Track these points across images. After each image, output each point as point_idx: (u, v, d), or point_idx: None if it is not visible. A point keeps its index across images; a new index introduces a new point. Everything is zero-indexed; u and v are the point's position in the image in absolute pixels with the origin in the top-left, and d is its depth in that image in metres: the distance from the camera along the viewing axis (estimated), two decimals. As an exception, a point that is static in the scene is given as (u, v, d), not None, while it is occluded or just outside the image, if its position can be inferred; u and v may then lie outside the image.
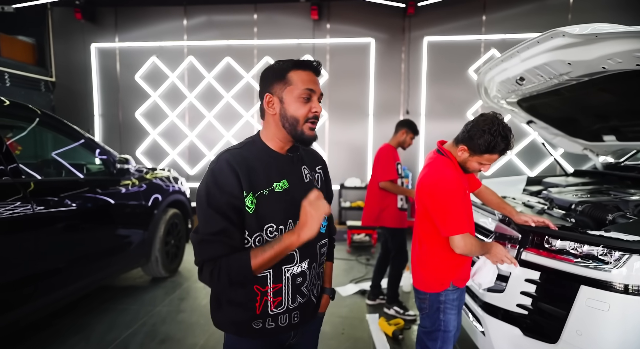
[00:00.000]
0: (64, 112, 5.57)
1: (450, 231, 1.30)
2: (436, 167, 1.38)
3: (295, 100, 0.92)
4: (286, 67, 0.94)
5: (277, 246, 0.85)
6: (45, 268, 2.01)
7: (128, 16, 5.37)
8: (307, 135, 0.95)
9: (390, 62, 5.16)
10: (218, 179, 0.88)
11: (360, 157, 5.26)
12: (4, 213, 1.74)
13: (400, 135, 2.83)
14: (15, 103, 2.15)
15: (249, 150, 0.96)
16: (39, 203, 1.94)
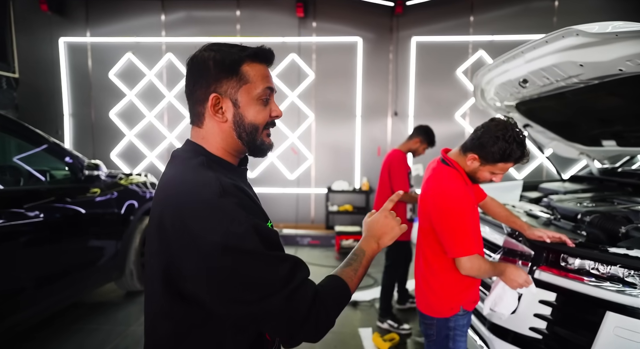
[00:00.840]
0: (29, 111, 5.17)
1: (457, 252, 1.17)
2: (442, 179, 1.24)
3: (254, 102, 0.72)
4: (238, 58, 0.71)
5: (365, 261, 0.79)
6: (6, 288, 1.78)
7: (100, 9, 5.03)
8: (267, 144, 0.77)
9: (378, 62, 5.05)
10: (254, 212, 0.66)
11: (348, 159, 5.13)
12: None
13: (414, 143, 2.63)
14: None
15: (217, 171, 0.69)
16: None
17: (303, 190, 5.14)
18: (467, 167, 1.25)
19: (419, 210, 1.33)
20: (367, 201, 4.94)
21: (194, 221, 0.60)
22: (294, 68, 5.00)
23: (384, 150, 5.13)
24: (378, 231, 0.85)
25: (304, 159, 5.10)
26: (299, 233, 4.72)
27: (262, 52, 0.74)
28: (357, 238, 4.25)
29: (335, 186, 4.98)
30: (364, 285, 3.30)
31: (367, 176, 5.11)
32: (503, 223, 1.51)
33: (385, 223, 0.85)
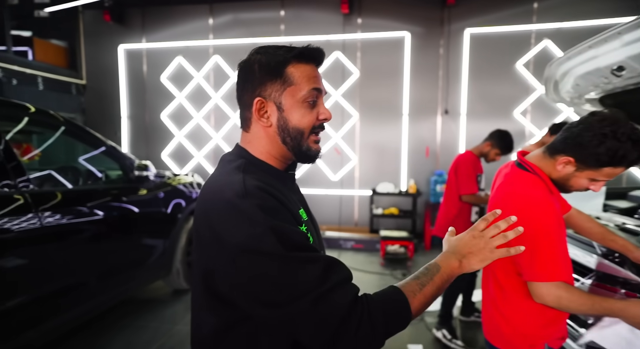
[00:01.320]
0: (94, 114, 5.59)
1: (537, 275, 0.95)
2: (519, 186, 1.03)
3: (300, 105, 0.69)
4: (283, 60, 0.69)
5: (437, 278, 0.66)
6: (70, 282, 1.88)
7: (155, 16, 5.29)
8: (314, 150, 0.72)
9: (426, 57, 4.75)
10: (276, 213, 0.62)
11: (394, 160, 4.89)
12: (16, 228, 1.56)
13: (485, 146, 2.51)
14: (40, 110, 2.04)
15: (256, 174, 0.68)
16: (66, 213, 1.85)
17: (346, 191, 5.00)
18: (555, 173, 1.02)
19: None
20: (414, 204, 4.67)
21: (217, 223, 0.61)
22: (338, 66, 4.88)
23: (433, 150, 4.83)
24: (463, 249, 0.71)
25: (348, 160, 4.96)
26: (342, 236, 4.59)
27: (308, 52, 0.71)
28: (404, 244, 4.02)
29: (380, 189, 4.77)
30: (411, 296, 3.08)
31: (414, 179, 4.84)
32: (595, 242, 1.25)
33: (473, 243, 0.70)
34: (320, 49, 0.73)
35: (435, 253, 3.94)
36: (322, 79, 0.75)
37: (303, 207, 0.78)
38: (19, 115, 1.98)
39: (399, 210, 4.78)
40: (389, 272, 3.69)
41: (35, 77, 4.91)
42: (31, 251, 1.67)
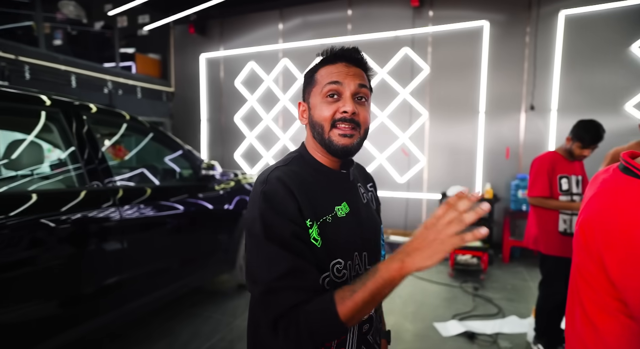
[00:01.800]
0: (179, 118, 6.23)
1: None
2: (625, 198, 0.78)
3: (321, 100, 0.75)
4: (316, 67, 0.79)
5: (371, 283, 0.60)
6: (158, 267, 2.16)
7: (231, 26, 5.68)
8: (336, 143, 0.74)
9: (509, 47, 4.25)
10: (274, 203, 0.68)
11: (468, 162, 4.48)
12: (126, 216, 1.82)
13: (566, 141, 2.19)
14: (133, 117, 2.36)
15: (298, 166, 0.77)
16: (155, 207, 2.15)
17: (414, 194, 4.74)
18: None
19: (576, 240, 0.89)
20: (491, 211, 4.21)
21: (248, 204, 0.74)
22: (407, 63, 4.64)
23: (514, 151, 4.30)
24: (408, 245, 0.61)
25: (416, 161, 4.69)
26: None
27: (334, 52, 0.77)
28: (476, 254, 3.65)
29: (450, 192, 4.41)
30: (483, 313, 2.77)
31: (491, 182, 4.37)
32: None
33: (422, 235, 0.59)
34: (345, 47, 0.77)
35: (515, 267, 3.56)
36: (354, 76, 0.76)
37: (350, 205, 0.79)
38: (120, 122, 2.33)
39: (472, 216, 4.36)
40: (459, 284, 3.37)
41: (135, 87, 5.66)
42: (127, 238, 1.93)
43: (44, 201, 1.60)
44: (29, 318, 1.51)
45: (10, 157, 1.78)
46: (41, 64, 4.28)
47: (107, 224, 1.81)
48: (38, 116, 1.82)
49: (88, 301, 1.74)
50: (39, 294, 1.55)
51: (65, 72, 4.54)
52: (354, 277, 0.74)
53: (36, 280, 1.53)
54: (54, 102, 1.83)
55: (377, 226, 0.86)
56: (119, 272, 1.87)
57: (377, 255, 0.84)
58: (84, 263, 1.72)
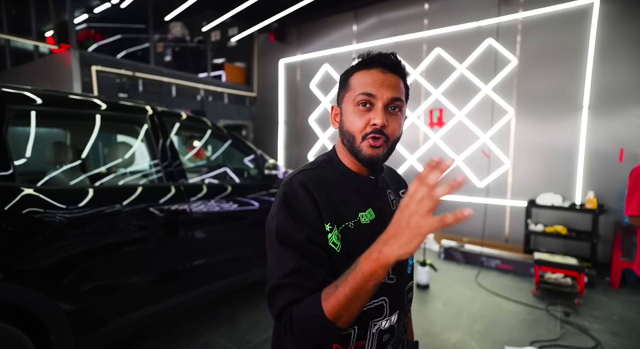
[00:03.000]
0: (260, 121, 6.72)
1: None
2: None
3: (352, 109, 0.74)
4: (351, 70, 0.77)
5: (351, 277, 0.58)
6: (237, 255, 2.48)
7: (308, 31, 5.89)
8: (364, 154, 0.74)
9: (626, 29, 3.52)
10: (292, 207, 0.70)
11: (565, 165, 3.85)
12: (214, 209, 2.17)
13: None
14: (214, 125, 2.68)
15: (325, 170, 0.78)
16: (235, 202, 2.44)
17: (494, 200, 4.27)
18: None
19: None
20: (595, 224, 3.55)
21: None
22: (490, 55, 4.20)
23: (631, 153, 3.54)
24: (390, 229, 0.55)
25: (498, 164, 4.22)
26: (485, 252, 3.95)
27: (371, 58, 0.75)
28: (569, 273, 3.11)
29: (541, 200, 3.85)
30: (573, 345, 2.36)
31: (595, 190, 3.68)
32: None
33: (398, 219, 0.53)
34: (384, 53, 0.75)
35: (628, 294, 3.00)
36: (388, 86, 0.73)
37: (376, 211, 0.78)
38: (204, 128, 2.67)
39: (568, 229, 3.74)
40: (545, 307, 2.92)
41: (223, 94, 6.29)
42: (214, 229, 2.26)
43: (148, 193, 1.94)
44: (135, 285, 1.87)
45: (115, 157, 2.16)
46: (150, 78, 5.07)
47: (186, 216, 2.07)
48: (131, 122, 2.18)
49: (181, 277, 2.08)
50: (143, 269, 1.91)
51: (167, 83, 5.30)
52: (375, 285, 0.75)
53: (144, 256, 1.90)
54: (139, 109, 2.14)
55: None
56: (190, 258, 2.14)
57: (402, 263, 0.82)
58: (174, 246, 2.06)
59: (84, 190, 1.74)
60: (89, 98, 1.94)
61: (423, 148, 4.74)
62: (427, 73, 4.66)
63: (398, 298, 0.79)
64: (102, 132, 3.17)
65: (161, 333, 2.40)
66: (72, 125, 2.55)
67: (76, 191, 1.74)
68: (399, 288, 0.79)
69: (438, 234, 4.65)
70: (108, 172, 2.54)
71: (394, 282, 0.78)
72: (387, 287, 0.76)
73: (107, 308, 1.74)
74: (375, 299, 0.74)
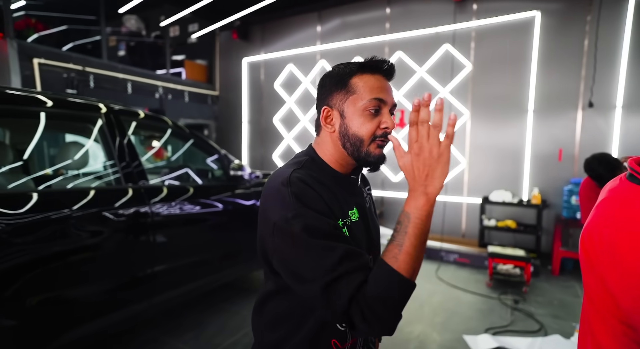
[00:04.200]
0: (223, 120, 6.56)
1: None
2: (631, 207, 0.67)
3: (360, 113, 0.75)
4: (349, 71, 0.77)
5: (411, 228, 0.63)
6: (200, 259, 2.37)
7: (272, 30, 5.85)
8: (374, 155, 0.76)
9: (564, 39, 3.87)
10: (309, 202, 0.68)
11: (513, 164, 4.16)
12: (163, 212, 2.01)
13: None
14: (175, 123, 2.57)
15: (312, 170, 0.78)
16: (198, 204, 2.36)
17: (452, 198, 4.51)
18: None
19: (581, 257, 0.78)
20: (539, 218, 3.87)
21: (266, 203, 0.72)
22: (447, 60, 4.43)
23: (568, 153, 3.91)
24: (418, 174, 0.65)
25: (456, 163, 4.46)
26: (444, 248, 4.16)
27: (373, 63, 0.76)
28: (518, 264, 3.37)
29: (493, 197, 4.13)
30: (521, 329, 2.56)
31: (539, 187, 4.02)
32: None
33: (419, 160, 0.65)
34: (386, 60, 0.76)
35: (566, 280, 3.26)
36: (390, 91, 0.78)
37: (359, 210, 0.81)
38: (164, 127, 2.55)
39: (517, 223, 4.05)
40: (497, 296, 3.14)
41: (183, 92, 6.06)
42: (177, 232, 2.16)
43: (103, 196, 1.82)
44: (90, 295, 1.74)
45: (65, 158, 2.01)
46: (103, 74, 4.76)
47: (144, 219, 1.97)
48: (83, 121, 2.04)
49: (142, 284, 1.98)
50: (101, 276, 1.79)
51: (122, 79, 5.00)
52: None
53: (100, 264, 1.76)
54: (92, 107, 2.01)
55: (379, 229, 0.90)
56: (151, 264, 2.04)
57: (376, 243, 0.86)
58: (134, 252, 1.95)
59: (26, 194, 1.60)
60: (31, 94, 1.78)
61: (385, 149, 4.87)
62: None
63: None
64: (49, 130, 2.93)
65: (123, 343, 2.27)
66: (12, 123, 2.33)
67: (16, 195, 1.59)
68: None
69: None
70: (56, 174, 2.36)
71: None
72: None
73: (58, 321, 1.62)
74: None
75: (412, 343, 2.38)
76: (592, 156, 2.09)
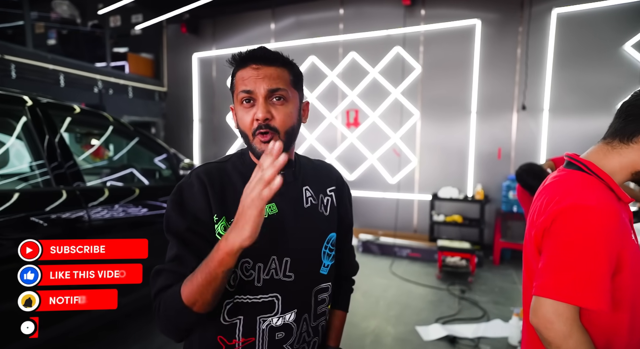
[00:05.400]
0: (172, 118, 6.21)
1: (545, 289, 0.70)
2: (571, 185, 0.76)
3: (239, 107, 0.75)
4: (233, 70, 0.77)
5: (204, 265, 0.61)
6: (148, 265, 2.14)
7: (224, 25, 5.65)
8: (258, 150, 0.73)
9: (501, 47, 4.20)
10: (183, 198, 0.73)
11: (459, 162, 4.44)
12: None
13: None
14: (117, 120, 2.36)
15: (233, 165, 0.79)
16: (144, 206, 2.19)
17: (404, 195, 4.70)
18: (636, 166, 0.77)
19: (527, 234, 0.85)
20: (482, 212, 4.16)
21: None
22: (398, 62, 4.60)
23: (506, 152, 4.25)
24: (236, 216, 0.59)
25: (407, 162, 4.65)
26: (397, 243, 4.32)
27: (240, 56, 0.76)
28: (464, 256, 3.60)
29: (442, 193, 4.37)
30: (467, 317, 2.73)
31: (482, 183, 4.32)
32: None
33: (240, 205, 0.59)
34: (254, 48, 0.75)
35: (505, 269, 3.49)
36: (265, 78, 0.72)
37: (280, 206, 0.77)
38: (105, 124, 2.34)
39: (463, 217, 4.32)
40: (446, 287, 3.33)
41: (126, 87, 5.64)
42: (120, 237, 1.89)
43: (28, 200, 1.58)
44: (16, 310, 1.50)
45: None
46: (28, 63, 4.26)
47: (78, 224, 1.78)
48: (1, 115, 1.79)
49: None
50: None
51: (53, 71, 4.52)
52: (263, 280, 0.74)
53: None
54: (12, 99, 1.78)
55: (316, 235, 0.81)
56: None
57: (310, 262, 0.79)
58: None
59: None
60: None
61: (341, 148, 4.95)
62: (344, 75, 4.88)
63: (297, 297, 0.77)
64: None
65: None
66: None
67: None
68: (300, 287, 0.77)
69: (356, 229, 4.92)
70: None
71: (291, 280, 0.75)
72: (280, 284, 0.75)
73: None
74: (264, 294, 0.74)
75: (369, 337, 2.43)
76: (520, 168, 2.21)
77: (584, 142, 2.08)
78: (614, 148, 0.78)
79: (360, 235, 4.63)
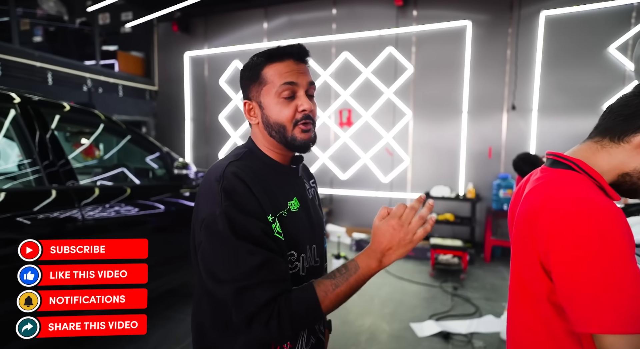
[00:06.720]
0: (163, 117, 6.14)
1: (601, 322, 0.58)
2: (562, 186, 0.69)
3: (275, 101, 0.76)
4: (259, 63, 0.78)
5: (353, 279, 0.69)
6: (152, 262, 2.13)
7: (216, 24, 5.61)
8: (299, 139, 0.77)
9: (491, 48, 4.27)
10: (237, 200, 0.69)
11: (451, 161, 4.49)
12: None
13: None
14: (109, 118, 2.33)
15: (250, 162, 0.79)
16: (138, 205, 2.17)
17: (397, 194, 4.73)
18: (624, 167, 0.73)
19: (512, 237, 0.82)
20: (473, 210, 4.23)
21: (198, 199, 0.74)
22: (391, 62, 4.63)
23: (496, 151, 4.32)
24: (384, 243, 0.69)
25: (400, 161, 4.69)
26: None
27: (280, 50, 0.77)
28: (457, 254, 3.65)
29: (434, 192, 4.42)
30: (460, 313, 2.77)
31: (473, 182, 4.39)
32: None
33: (393, 235, 0.68)
34: (294, 45, 0.77)
35: (496, 266, 3.55)
36: (304, 72, 0.77)
37: (300, 200, 0.82)
38: (96, 122, 2.31)
39: (455, 216, 4.38)
40: (439, 284, 3.37)
41: (116, 86, 5.55)
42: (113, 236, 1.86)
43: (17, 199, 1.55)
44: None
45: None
46: (15, 60, 4.16)
47: (75, 223, 1.75)
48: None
49: None
50: None
51: (41, 68, 4.43)
52: (306, 269, 0.78)
53: None
54: (4, 97, 1.74)
55: (322, 220, 0.92)
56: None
57: (323, 246, 0.88)
58: None
59: None
60: None
61: (334, 147, 4.97)
62: (336, 75, 4.90)
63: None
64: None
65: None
66: None
67: None
68: (322, 268, 0.86)
69: (349, 228, 4.94)
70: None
71: (318, 264, 0.83)
72: (314, 270, 0.82)
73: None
74: (305, 282, 0.77)
75: (364, 334, 2.45)
76: (517, 156, 2.34)
77: (572, 141, 2.13)
78: (603, 147, 0.73)
79: (353, 233, 4.65)
